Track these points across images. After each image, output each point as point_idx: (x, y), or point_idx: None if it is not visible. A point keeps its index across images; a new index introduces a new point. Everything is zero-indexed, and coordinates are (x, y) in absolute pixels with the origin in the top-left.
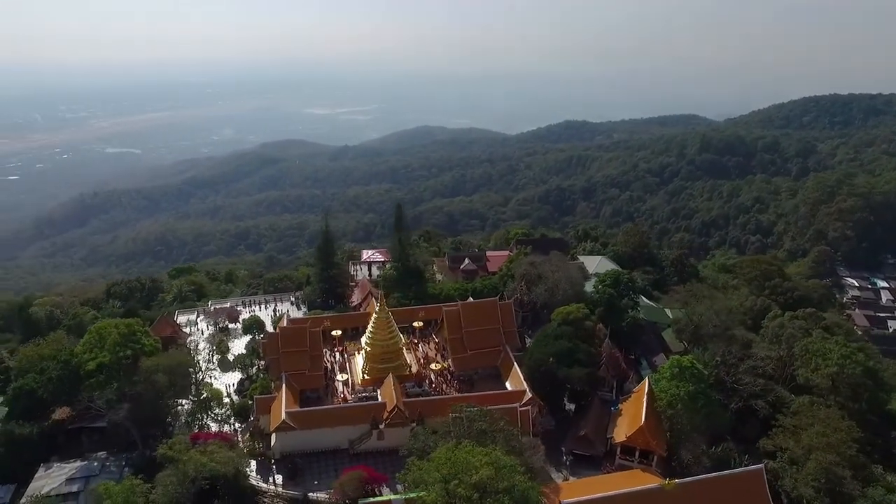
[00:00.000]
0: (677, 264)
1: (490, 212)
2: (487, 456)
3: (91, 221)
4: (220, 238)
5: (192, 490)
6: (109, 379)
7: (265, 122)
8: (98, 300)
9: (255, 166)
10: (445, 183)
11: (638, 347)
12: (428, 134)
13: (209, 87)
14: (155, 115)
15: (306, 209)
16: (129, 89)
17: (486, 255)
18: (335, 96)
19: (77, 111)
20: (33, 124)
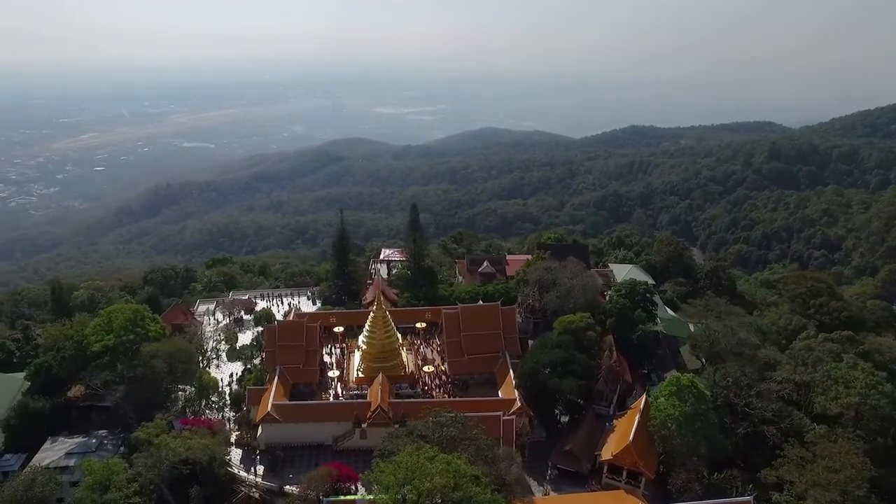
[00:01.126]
0: (712, 277)
1: (544, 215)
2: (448, 464)
3: (163, 211)
4: (280, 232)
5: (166, 473)
6: (113, 361)
7: (334, 120)
8: (135, 286)
9: (321, 163)
10: (503, 185)
11: (651, 362)
12: (492, 135)
13: (282, 85)
14: (229, 112)
15: (365, 206)
16: (208, 86)
17: (505, 258)
18: (403, 96)
19: (160, 107)
20: (120, 119)
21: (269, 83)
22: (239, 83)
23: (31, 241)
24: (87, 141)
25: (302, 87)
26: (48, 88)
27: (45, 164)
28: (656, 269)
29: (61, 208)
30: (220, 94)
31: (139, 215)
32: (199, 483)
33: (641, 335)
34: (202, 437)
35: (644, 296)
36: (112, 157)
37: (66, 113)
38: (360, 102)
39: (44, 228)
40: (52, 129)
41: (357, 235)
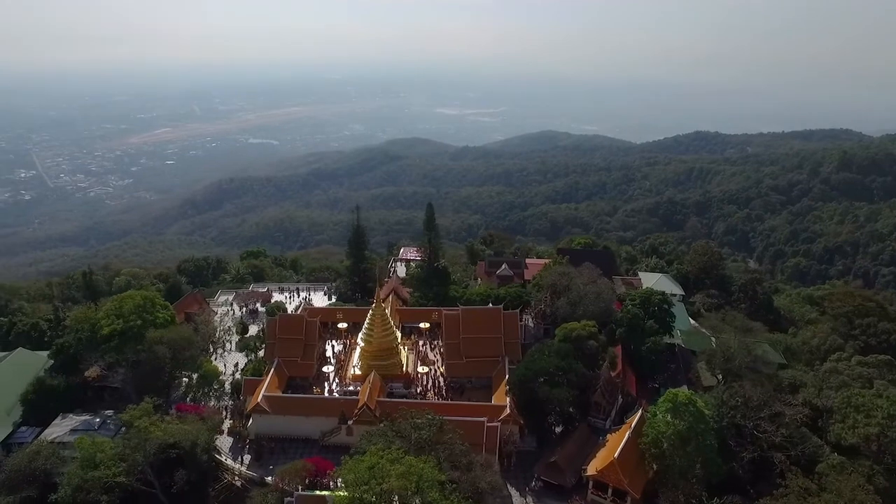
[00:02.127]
0: (747, 290)
1: (595, 220)
2: (410, 467)
3: (225, 205)
4: (333, 228)
5: (151, 455)
6: (120, 345)
7: (395, 120)
8: (170, 274)
9: (378, 161)
10: (557, 189)
11: (662, 376)
12: (551, 139)
13: (347, 84)
14: (295, 110)
15: (419, 206)
16: (276, 85)
17: (524, 261)
18: (465, 97)
19: (229, 104)
20: (192, 115)
21: (335, 82)
22: (306, 82)
23: (105, 229)
24: (161, 136)
25: (366, 87)
26: (129, 86)
27: (122, 157)
28: (688, 280)
29: (133, 199)
30: (287, 93)
31: (202, 207)
32: (184, 467)
33: (651, 347)
34: (191, 423)
35: (660, 306)
36: (182, 152)
37: (144, 109)
38: (423, 103)
39: (117, 217)
40: (129, 124)
41: (407, 234)
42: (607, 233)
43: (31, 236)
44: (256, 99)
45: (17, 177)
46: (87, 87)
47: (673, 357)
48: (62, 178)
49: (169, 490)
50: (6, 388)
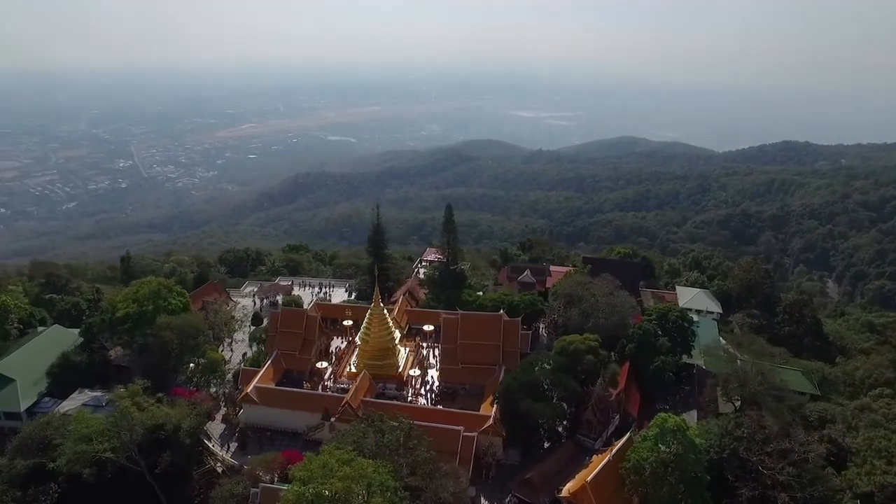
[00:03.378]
0: (792, 312)
1: (661, 231)
2: (361, 469)
3: (300, 199)
4: (398, 227)
5: (138, 436)
6: (132, 327)
7: (471, 121)
8: (210, 263)
9: (451, 162)
10: (627, 196)
11: (673, 398)
12: (628, 144)
13: (427, 84)
14: (375, 109)
15: (487, 208)
16: (358, 84)
17: (549, 268)
18: (543, 100)
19: (312, 102)
20: (275, 112)
21: (414, 83)
22: (385, 82)
23: (189, 218)
24: (246, 131)
25: (445, 88)
26: (221, 83)
27: (209, 150)
28: (730, 297)
29: (216, 190)
30: (367, 92)
31: (278, 200)
32: (169, 449)
33: (660, 367)
34: (180, 407)
35: (677, 323)
36: (264, 147)
37: (232, 105)
38: (501, 105)
39: (199, 207)
40: (218, 119)
41: (471, 236)
42: (673, 244)
43: (124, 221)
44: (337, 97)
45: (116, 166)
46: (184, 84)
47: (689, 379)
48: (155, 168)
49: (153, 470)
50: (37, 360)
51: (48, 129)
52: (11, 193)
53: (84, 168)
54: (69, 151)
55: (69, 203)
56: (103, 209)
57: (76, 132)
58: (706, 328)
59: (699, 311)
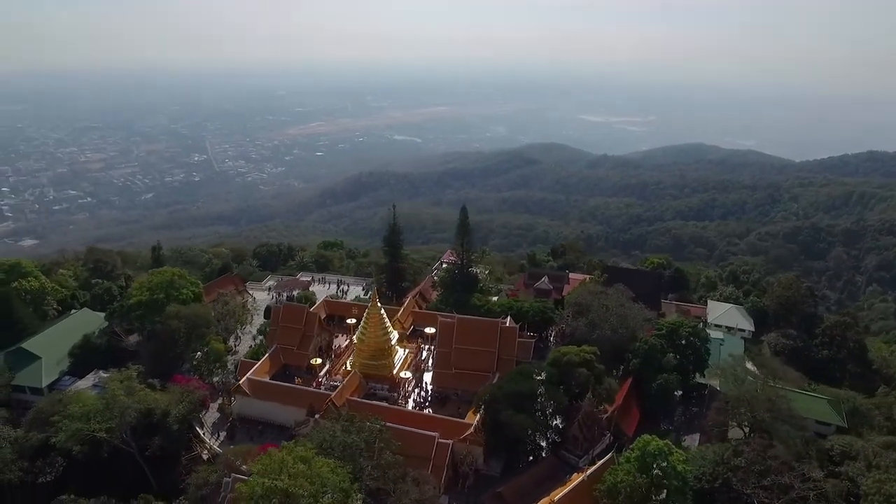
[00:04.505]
0: (833, 335)
1: (722, 241)
2: (318, 468)
3: (362, 197)
4: (454, 228)
5: (128, 418)
6: (143, 314)
7: (538, 124)
8: (244, 257)
9: (513, 164)
10: (691, 205)
11: (679, 418)
12: (698, 151)
13: (493, 86)
14: (441, 109)
15: (546, 212)
16: (425, 85)
17: (567, 276)
18: (613, 104)
19: (379, 102)
20: (344, 111)
21: (481, 84)
22: (452, 83)
23: (256, 212)
24: (314, 129)
25: (511, 90)
26: (292, 82)
27: (278, 147)
28: (766, 315)
29: (283, 186)
30: (434, 93)
31: (341, 198)
32: (159, 433)
33: (662, 385)
34: (173, 394)
35: (688, 340)
36: (331, 145)
37: (302, 103)
38: (568, 108)
39: (266, 202)
40: (289, 116)
41: (526, 239)
42: (732, 255)
43: (195, 213)
44: (405, 97)
45: (191, 160)
46: (258, 82)
47: (700, 400)
48: (227, 163)
49: (144, 452)
50: (64, 341)
51: (133, 124)
52: (97, 183)
53: (162, 161)
54: (150, 145)
55: (147, 194)
56: (177, 201)
57: (157, 127)
58: (731, 346)
59: (729, 329)
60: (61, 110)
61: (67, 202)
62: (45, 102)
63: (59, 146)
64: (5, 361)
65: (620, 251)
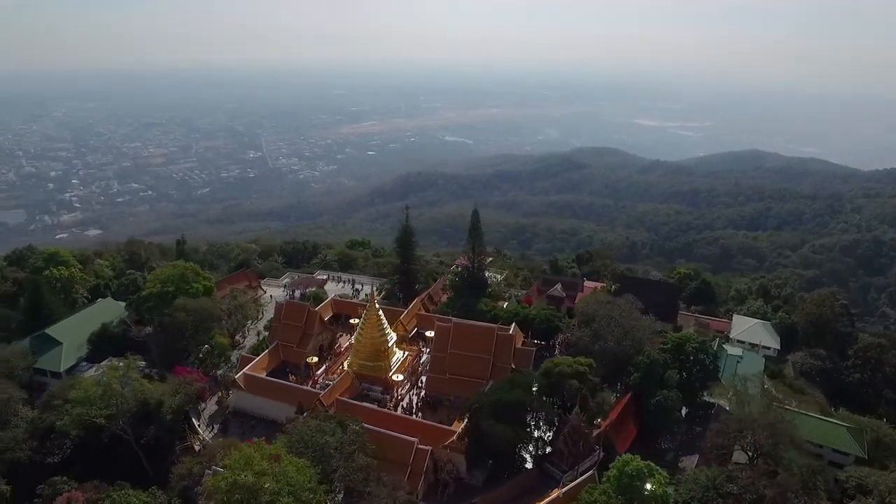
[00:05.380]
0: (868, 357)
1: (773, 253)
2: (284, 466)
3: (410, 197)
4: (497, 230)
5: (125, 405)
6: (153, 306)
7: (590, 128)
8: (270, 252)
9: (562, 168)
10: (744, 214)
11: (679, 438)
12: (756, 159)
13: (548, 88)
14: (493, 111)
15: (593, 217)
16: (478, 86)
17: (582, 283)
18: (669, 109)
19: (432, 102)
20: (396, 111)
21: (534, 86)
22: (505, 85)
23: (305, 209)
24: (367, 128)
25: (564, 93)
26: (347, 81)
27: (331, 146)
28: (795, 333)
29: (334, 183)
30: (487, 94)
31: (389, 197)
32: (154, 423)
33: (660, 402)
34: (169, 385)
35: (694, 356)
36: (383, 144)
37: (356, 103)
38: (622, 112)
39: (316, 199)
40: (342, 115)
41: (569, 244)
42: (782, 267)
43: (248, 208)
44: (457, 98)
45: (246, 156)
46: (314, 81)
47: (706, 419)
48: (280, 160)
49: (139, 440)
50: (85, 328)
51: (193, 121)
52: (158, 177)
53: (219, 157)
54: (208, 142)
55: (203, 189)
56: (231, 196)
57: (216, 124)
58: (749, 364)
59: (753, 346)
60: (129, 108)
61: (130, 195)
62: (115, 100)
63: (125, 141)
64: (30, 345)
65: (665, 259)
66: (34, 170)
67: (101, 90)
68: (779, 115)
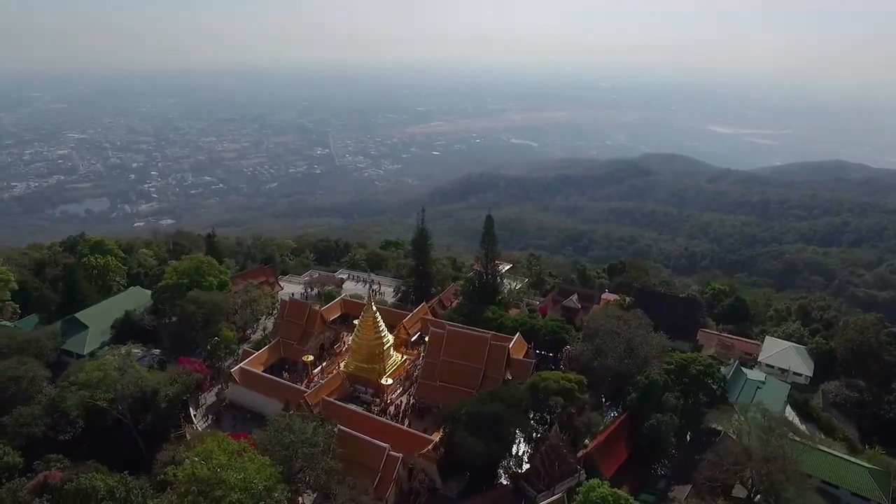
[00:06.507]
0: None
1: (843, 271)
2: (244, 462)
3: (469, 198)
4: (556, 235)
5: (124, 391)
6: (168, 297)
7: (661, 134)
8: (302, 249)
9: (627, 174)
10: (817, 228)
11: (676, 464)
12: (839, 169)
13: (618, 92)
14: (561, 114)
15: (655, 225)
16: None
17: (599, 296)
18: (745, 115)
19: (499, 104)
20: (463, 112)
21: (604, 90)
22: (575, 88)
23: (367, 206)
24: (433, 128)
25: (635, 97)
26: (416, 81)
27: (397, 145)
28: (832, 360)
29: (397, 182)
30: (555, 97)
31: (449, 198)
32: (151, 410)
33: (654, 426)
34: (168, 375)
35: (699, 380)
36: (448, 145)
37: (423, 103)
38: (695, 118)
39: (379, 197)
40: (408, 115)
41: (626, 252)
42: (853, 287)
43: (312, 204)
44: (526, 100)
45: (314, 153)
46: (384, 81)
47: (710, 447)
48: (346, 157)
49: (137, 426)
50: (112, 314)
51: (265, 118)
52: (230, 171)
53: (288, 153)
54: (278, 138)
55: (271, 183)
56: (298, 191)
57: (286, 121)
58: (772, 391)
59: (783, 371)
60: (207, 104)
61: (203, 187)
62: (194, 96)
63: (201, 136)
64: (60, 328)
65: (724, 272)
66: (119, 161)
67: (182, 86)
68: (867, 124)
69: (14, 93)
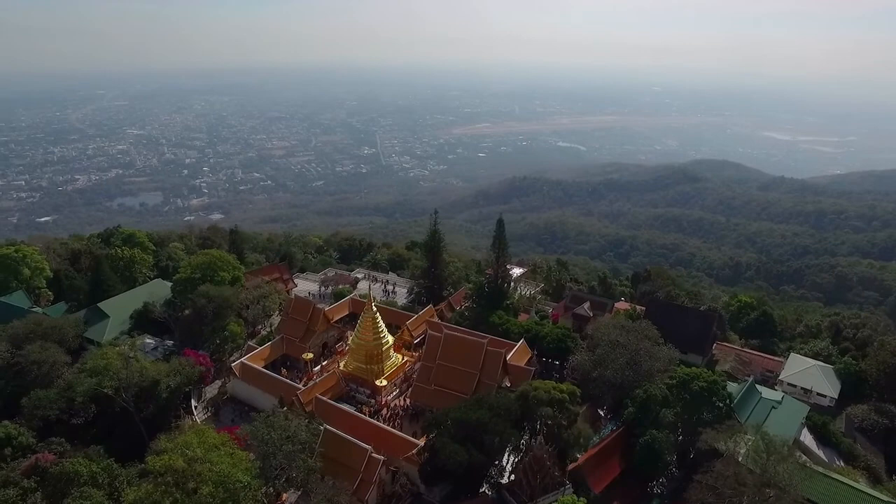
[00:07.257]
0: None
1: None
2: (219, 457)
3: (513, 201)
4: (596, 240)
5: (127, 381)
6: (182, 291)
7: (714, 139)
8: (325, 247)
9: (675, 180)
10: (876, 241)
11: (673, 483)
12: None
13: (670, 97)
14: (609, 118)
15: (700, 233)
16: (596, 92)
17: (612, 303)
18: (804, 121)
19: (547, 107)
20: (510, 114)
21: (656, 94)
22: (626, 91)
23: (411, 206)
24: (480, 130)
25: (687, 101)
26: (464, 82)
27: (443, 146)
28: (861, 383)
29: (442, 183)
30: (605, 100)
31: (493, 200)
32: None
33: (648, 442)
34: (170, 366)
35: (703, 396)
36: (494, 147)
37: (471, 104)
38: (750, 123)
39: (423, 197)
40: (456, 116)
41: (668, 260)
42: None
43: (357, 202)
44: (574, 104)
45: (361, 152)
46: (433, 82)
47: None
48: (393, 157)
49: (140, 414)
50: (132, 305)
51: (315, 116)
52: (278, 169)
53: (335, 152)
54: (326, 136)
55: (318, 181)
56: (343, 189)
57: (335, 120)
58: (788, 412)
59: (806, 390)
60: (258, 102)
61: (251, 183)
62: (251, 94)
63: (252, 133)
64: (84, 316)
65: (769, 285)
66: (173, 157)
67: (236, 85)
68: None
69: (82, 90)
